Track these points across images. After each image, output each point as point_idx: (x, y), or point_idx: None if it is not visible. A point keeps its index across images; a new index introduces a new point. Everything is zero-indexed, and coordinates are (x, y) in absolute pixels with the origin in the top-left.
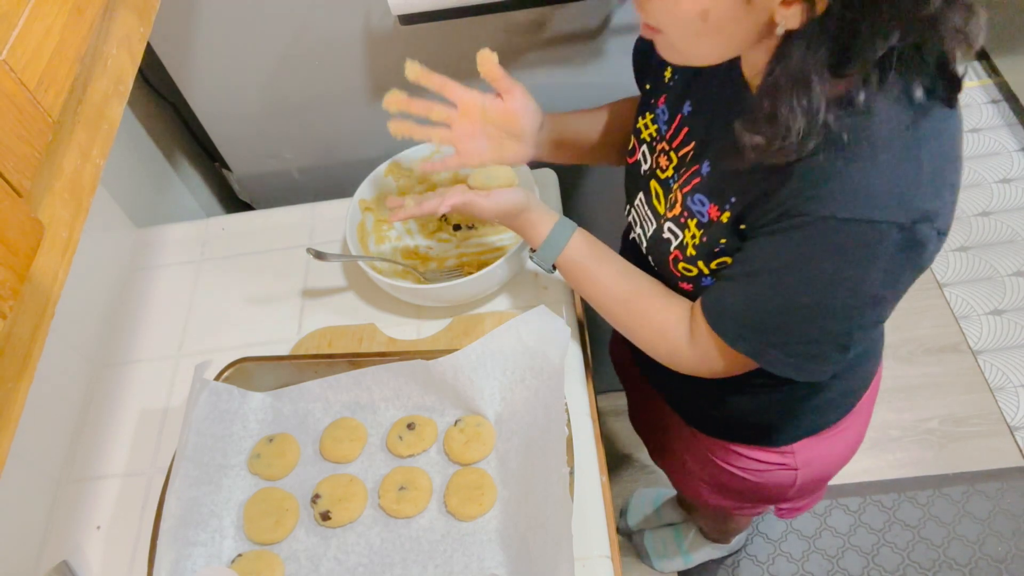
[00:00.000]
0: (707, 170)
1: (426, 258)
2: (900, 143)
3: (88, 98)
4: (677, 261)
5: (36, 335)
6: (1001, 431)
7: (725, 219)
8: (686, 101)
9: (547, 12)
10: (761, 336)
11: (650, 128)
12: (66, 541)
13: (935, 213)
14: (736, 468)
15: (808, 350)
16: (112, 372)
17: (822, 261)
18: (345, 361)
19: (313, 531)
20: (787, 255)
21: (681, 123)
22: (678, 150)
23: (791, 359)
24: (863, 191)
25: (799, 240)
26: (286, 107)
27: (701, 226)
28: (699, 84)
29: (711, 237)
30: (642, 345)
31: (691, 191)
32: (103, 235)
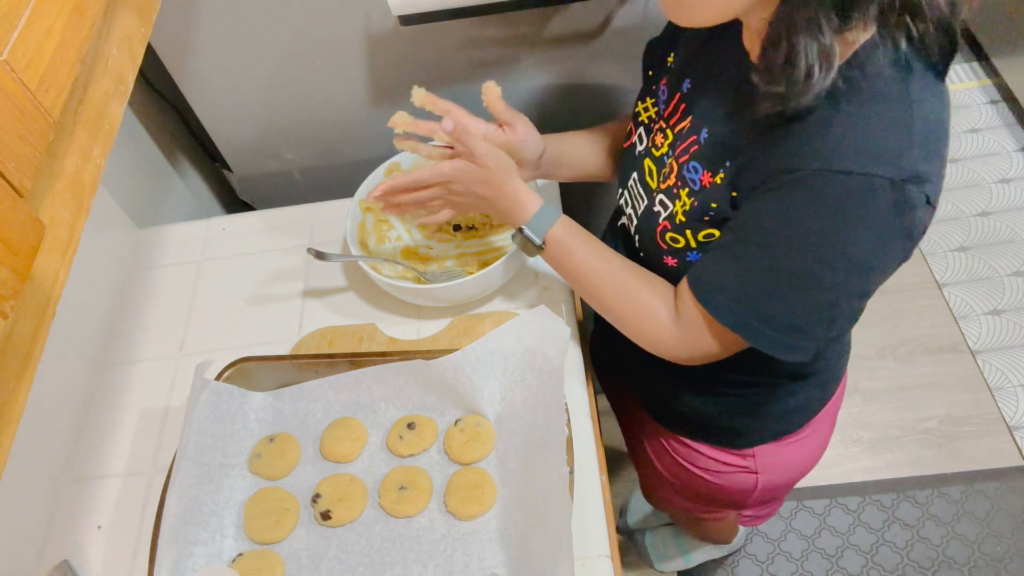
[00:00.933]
0: (705, 137)
1: (426, 258)
2: (893, 101)
3: (89, 98)
4: (665, 232)
5: (37, 335)
6: (1000, 431)
7: (719, 180)
8: (685, 79)
9: (547, 12)
10: (748, 307)
11: (650, 111)
12: (67, 541)
13: (925, 177)
14: (696, 467)
15: (794, 323)
16: (113, 372)
17: (813, 218)
18: (345, 361)
19: (313, 530)
20: (778, 216)
21: (680, 100)
22: (675, 126)
23: (776, 333)
24: (857, 145)
25: (790, 198)
26: (286, 107)
27: (693, 194)
28: (699, 61)
29: (702, 201)
30: (626, 328)
31: (687, 160)
32: (104, 235)
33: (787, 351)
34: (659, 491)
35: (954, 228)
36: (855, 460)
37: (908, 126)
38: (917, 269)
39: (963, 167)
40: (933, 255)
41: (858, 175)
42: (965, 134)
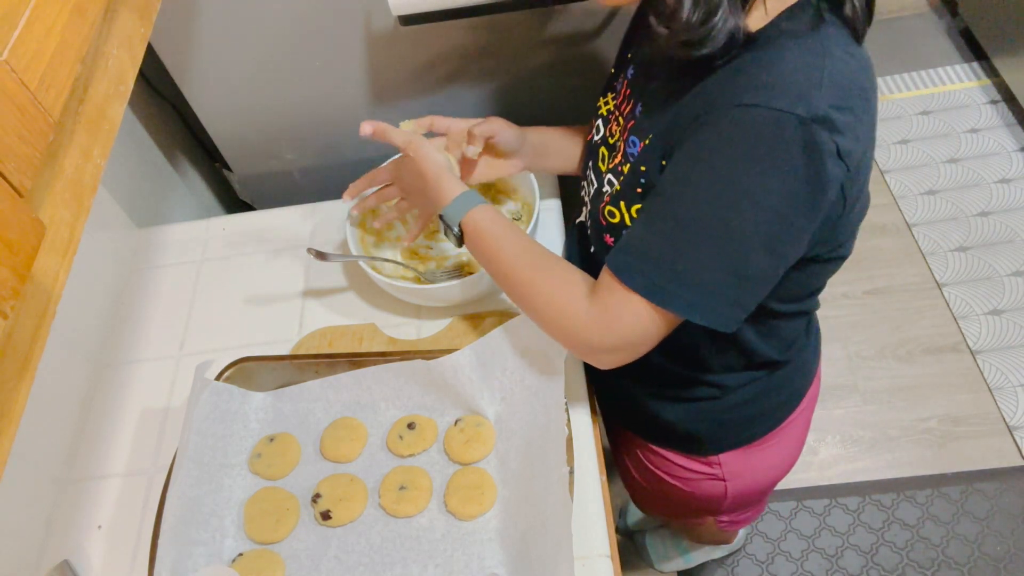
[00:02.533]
0: (640, 110)
1: (426, 258)
2: (806, 48)
3: (89, 98)
4: (605, 207)
5: (37, 335)
6: (1000, 431)
7: (647, 141)
8: (630, 67)
9: (547, 12)
10: (656, 266)
11: (609, 104)
12: (67, 541)
13: (837, 125)
14: (667, 475)
15: (704, 279)
16: (113, 372)
17: (720, 159)
18: (345, 361)
19: (314, 530)
20: (686, 162)
21: (627, 87)
22: (623, 108)
23: (688, 293)
24: (766, 82)
25: (698, 141)
26: (286, 107)
27: (633, 167)
28: (642, 48)
29: (634, 167)
30: (541, 318)
31: (627, 136)
32: (104, 235)
33: (701, 313)
34: (639, 498)
35: (954, 228)
36: (855, 460)
37: (819, 69)
38: (917, 269)
39: (963, 167)
40: (933, 255)
41: (764, 109)
42: (965, 134)
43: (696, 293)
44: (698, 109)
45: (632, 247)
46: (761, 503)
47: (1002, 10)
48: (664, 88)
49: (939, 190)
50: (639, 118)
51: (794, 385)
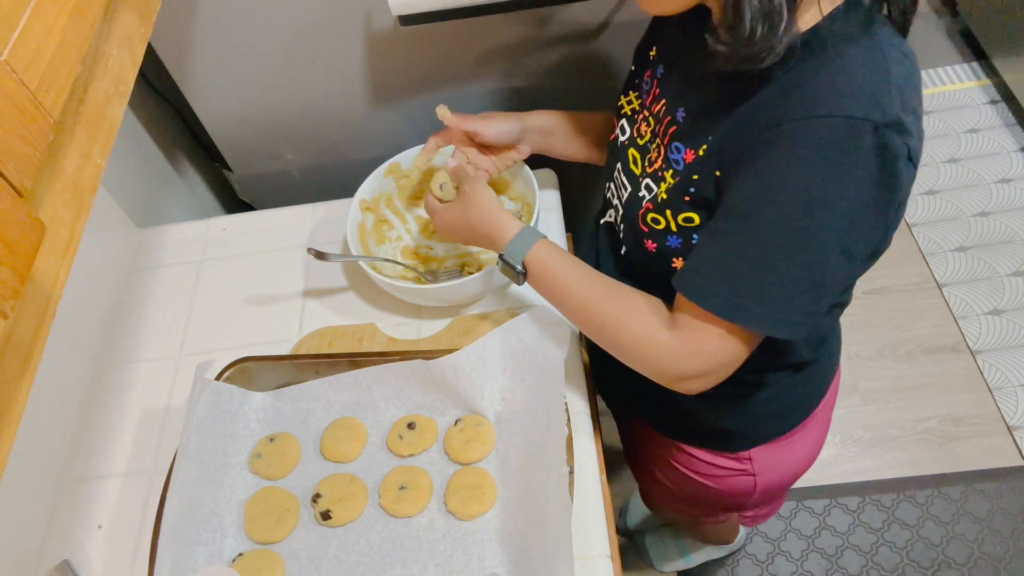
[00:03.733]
0: (682, 115)
1: (426, 258)
2: (865, 49)
3: (89, 98)
4: (647, 213)
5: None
6: (1000, 431)
7: (701, 153)
8: (659, 65)
9: (547, 12)
10: (734, 286)
11: (633, 103)
12: (67, 540)
13: (904, 127)
14: (694, 473)
15: (783, 293)
16: (113, 372)
17: (795, 172)
18: (345, 361)
19: (314, 530)
20: (758, 179)
21: (657, 86)
22: (652, 108)
23: (766, 309)
24: (835, 87)
25: (769, 156)
26: (286, 107)
27: (677, 174)
28: (672, 47)
29: (684, 177)
30: (624, 352)
31: (669, 141)
32: (104, 235)
33: (779, 327)
34: (659, 498)
35: (954, 228)
36: (855, 460)
37: (884, 72)
38: (917, 269)
39: (963, 167)
40: (933, 255)
41: (839, 118)
42: (965, 134)
43: (775, 308)
44: (761, 122)
45: (706, 269)
46: (784, 496)
47: (1002, 10)
48: (711, 96)
49: (939, 190)
50: (683, 125)
51: (822, 377)
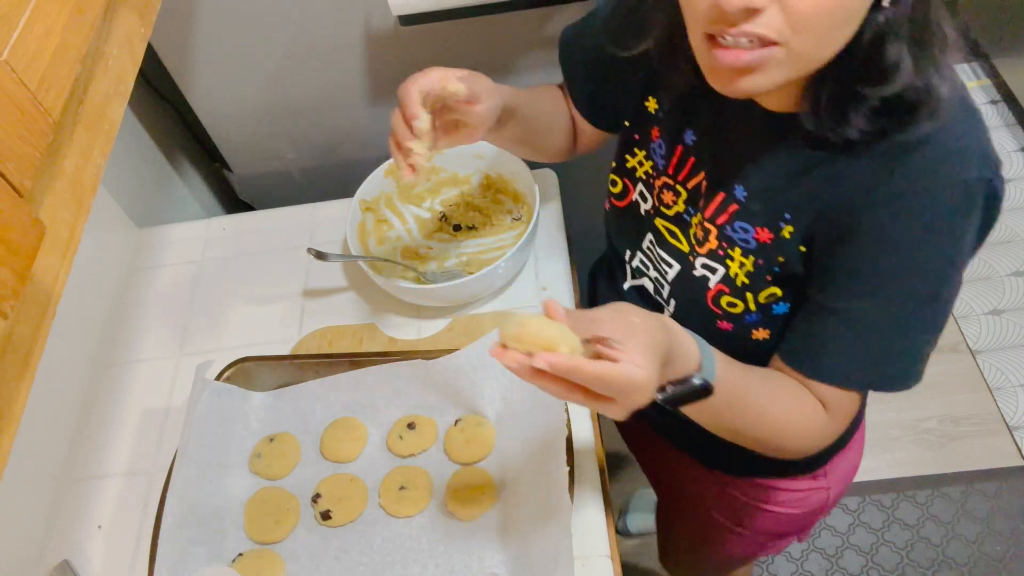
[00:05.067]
0: (744, 195)
1: (426, 258)
2: (958, 104)
3: (89, 98)
4: (720, 296)
5: (37, 335)
6: (1000, 431)
7: (787, 235)
8: (685, 131)
9: (547, 12)
10: (873, 357)
11: (644, 165)
12: (67, 540)
13: (999, 169)
14: (770, 504)
15: (916, 351)
16: (113, 372)
17: (924, 244)
18: (345, 361)
19: (314, 530)
20: (882, 254)
21: (685, 154)
22: (686, 183)
23: (901, 367)
24: (949, 152)
25: (891, 231)
26: (286, 107)
27: (750, 252)
28: (697, 110)
29: (767, 260)
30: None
31: (729, 221)
32: (104, 235)
33: (912, 380)
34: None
35: None
36: None
37: (978, 118)
38: None
39: None
40: None
41: (957, 184)
42: None
43: (909, 365)
44: (865, 194)
45: (839, 351)
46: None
47: (1002, 10)
48: (785, 171)
49: None
50: (748, 204)
51: None
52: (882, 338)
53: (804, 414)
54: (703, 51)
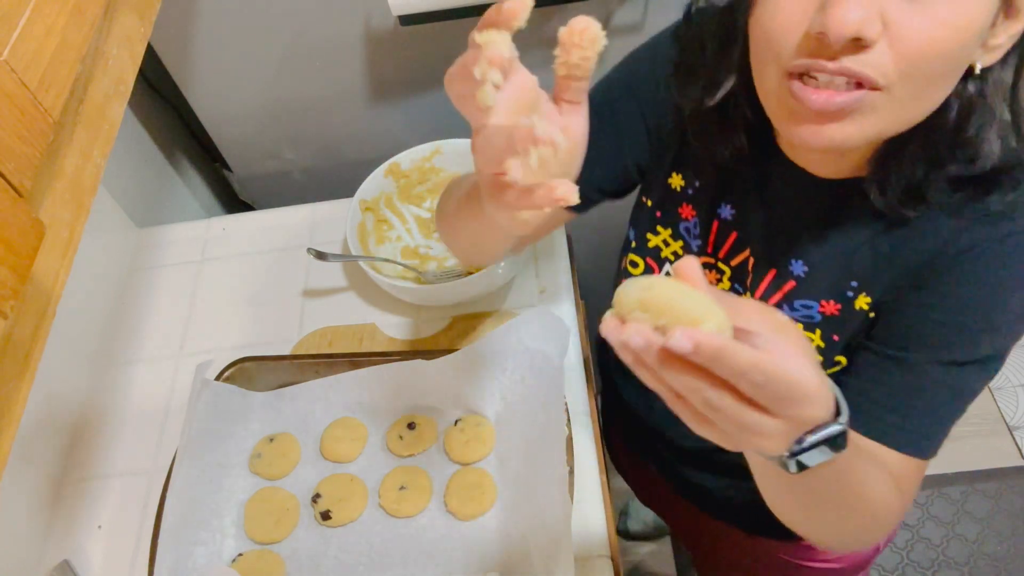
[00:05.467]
0: (804, 271)
1: (426, 258)
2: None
3: (89, 98)
4: None
5: (37, 335)
6: (1000, 431)
7: (865, 305)
8: (721, 205)
9: (547, 12)
10: (947, 424)
11: (672, 245)
12: (67, 540)
13: None
14: (820, 561)
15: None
16: (113, 372)
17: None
18: (345, 361)
19: (314, 530)
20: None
21: (723, 229)
22: (728, 260)
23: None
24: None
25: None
26: (286, 107)
27: (815, 326)
28: (732, 182)
29: (841, 333)
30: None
31: (783, 300)
32: (104, 235)
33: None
34: None
35: None
36: None
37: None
38: None
39: None
40: None
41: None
42: None
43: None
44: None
45: (920, 421)
46: None
47: None
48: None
49: None
50: (808, 280)
51: None
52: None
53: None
54: (781, 93)
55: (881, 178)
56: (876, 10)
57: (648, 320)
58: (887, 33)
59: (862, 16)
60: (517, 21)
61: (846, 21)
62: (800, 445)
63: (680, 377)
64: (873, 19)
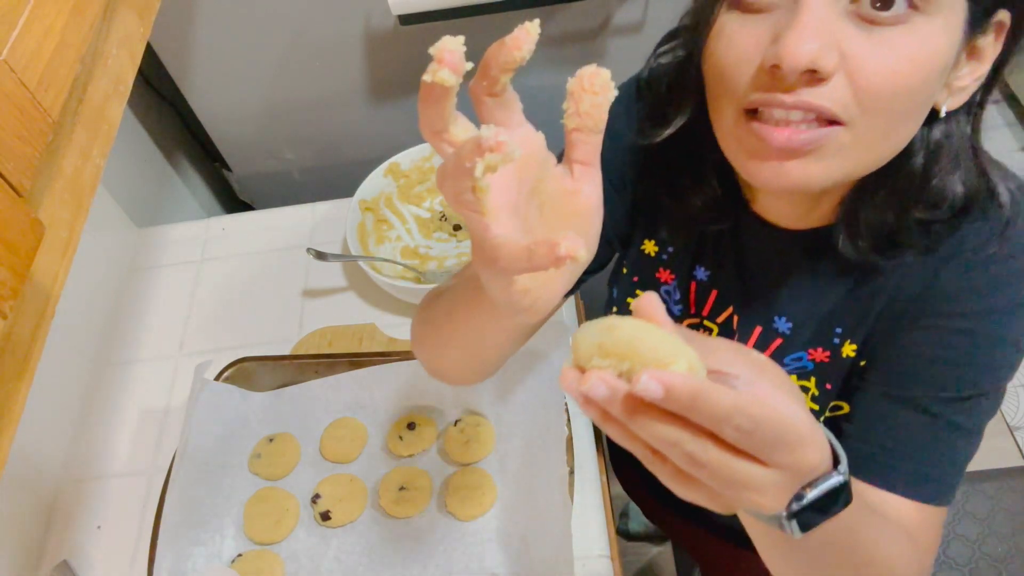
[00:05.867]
0: (788, 327)
1: (426, 258)
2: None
3: (88, 98)
4: None
5: (36, 335)
6: (1001, 431)
7: (851, 353)
8: (695, 268)
9: (547, 12)
10: (962, 468)
11: None
12: (67, 541)
13: None
14: None
15: (967, 456)
16: (112, 372)
17: (989, 322)
18: (345, 361)
19: (313, 531)
20: (941, 345)
21: (701, 289)
22: (714, 318)
23: (956, 477)
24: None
25: (962, 315)
26: (286, 107)
27: (807, 375)
28: (709, 242)
29: (834, 381)
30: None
31: (774, 356)
32: (104, 235)
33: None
34: None
35: None
36: None
37: (1013, 176)
38: None
39: None
40: None
41: (1016, 258)
42: None
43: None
44: (930, 279)
45: (933, 465)
46: None
47: None
48: (828, 288)
49: None
50: (795, 334)
51: None
52: (959, 438)
53: (903, 548)
54: (739, 132)
55: (850, 225)
56: (832, 41)
57: (611, 366)
58: (845, 66)
59: (817, 47)
60: (522, 52)
61: (800, 52)
62: (800, 503)
63: (654, 428)
64: (829, 50)
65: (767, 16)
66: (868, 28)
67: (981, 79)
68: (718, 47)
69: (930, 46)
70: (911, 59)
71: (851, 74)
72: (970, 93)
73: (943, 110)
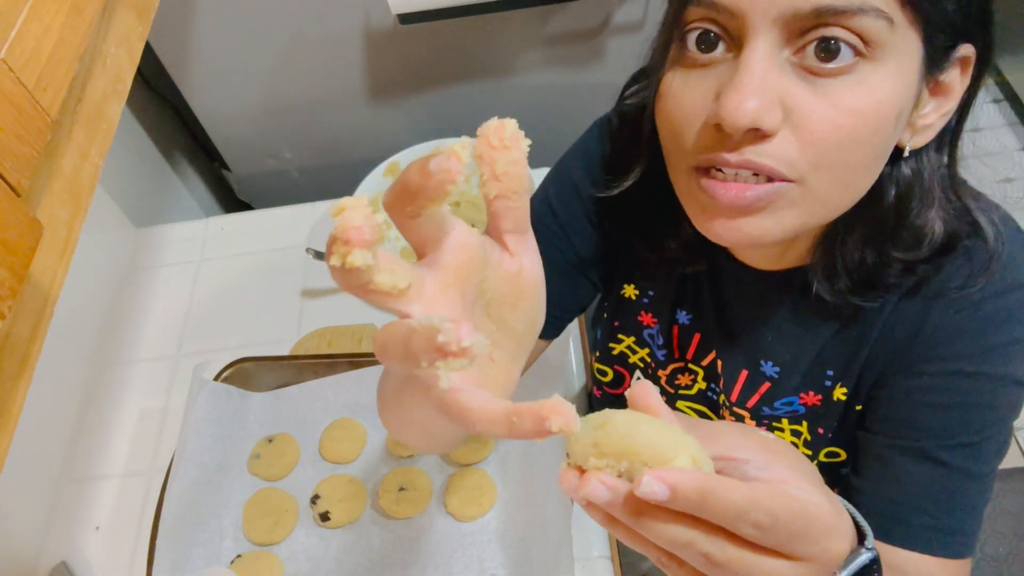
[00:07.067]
0: (776, 372)
1: None
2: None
3: (87, 98)
4: None
5: (35, 335)
6: None
7: (841, 396)
8: (677, 311)
9: (547, 12)
10: (980, 515)
11: (639, 352)
12: (65, 541)
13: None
14: None
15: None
16: (111, 372)
17: (987, 363)
18: (345, 361)
19: (313, 532)
20: (942, 389)
21: (684, 333)
22: (699, 361)
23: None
24: (1009, 261)
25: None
26: (286, 107)
27: (799, 419)
28: (689, 286)
29: (827, 425)
30: None
31: (761, 402)
32: (102, 235)
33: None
34: None
35: None
36: None
37: (1005, 214)
38: None
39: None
40: None
41: (1009, 293)
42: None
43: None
44: (918, 321)
45: (952, 516)
46: None
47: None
48: (813, 331)
49: None
50: (782, 378)
51: None
52: (972, 484)
53: None
54: (691, 188)
55: (827, 266)
56: (774, 97)
57: (610, 466)
58: (790, 121)
59: (758, 104)
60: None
61: (741, 110)
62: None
63: (664, 530)
64: (771, 107)
65: (711, 71)
66: (812, 80)
67: (948, 114)
68: (665, 105)
69: (878, 94)
70: (856, 111)
71: (796, 129)
72: (937, 130)
73: (907, 148)
